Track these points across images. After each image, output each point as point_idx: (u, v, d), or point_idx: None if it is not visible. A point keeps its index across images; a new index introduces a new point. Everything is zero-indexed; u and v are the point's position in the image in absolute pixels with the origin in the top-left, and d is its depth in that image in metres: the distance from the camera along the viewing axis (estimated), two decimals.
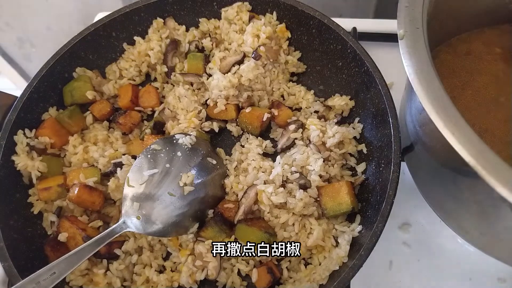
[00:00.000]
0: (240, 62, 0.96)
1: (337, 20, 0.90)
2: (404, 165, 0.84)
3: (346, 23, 0.95)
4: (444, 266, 0.84)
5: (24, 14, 1.76)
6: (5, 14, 1.76)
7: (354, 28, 1.08)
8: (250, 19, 0.99)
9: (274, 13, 0.98)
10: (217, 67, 0.97)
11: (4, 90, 0.92)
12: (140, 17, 1.00)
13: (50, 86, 0.93)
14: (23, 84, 1.06)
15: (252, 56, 0.93)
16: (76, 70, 0.97)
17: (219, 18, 1.03)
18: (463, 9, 0.78)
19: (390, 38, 1.09)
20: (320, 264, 0.78)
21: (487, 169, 0.47)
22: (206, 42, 1.01)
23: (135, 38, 1.02)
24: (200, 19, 1.03)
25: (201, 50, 1.02)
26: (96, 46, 0.99)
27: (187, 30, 1.04)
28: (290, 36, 0.99)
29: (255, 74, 0.93)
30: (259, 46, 0.93)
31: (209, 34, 1.03)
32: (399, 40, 0.59)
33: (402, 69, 0.57)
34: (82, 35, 0.95)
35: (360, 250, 0.70)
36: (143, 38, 1.02)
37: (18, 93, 0.89)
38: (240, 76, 0.94)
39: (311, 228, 0.79)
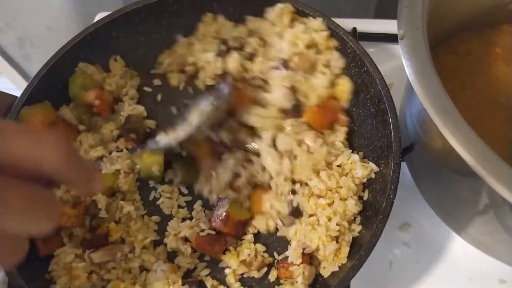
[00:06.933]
0: (277, 68, 0.91)
1: (337, 20, 0.90)
2: (404, 165, 0.84)
3: (346, 23, 0.94)
4: (444, 266, 0.84)
5: (24, 14, 1.76)
6: (5, 14, 1.75)
7: (354, 28, 1.08)
8: (293, 21, 0.93)
9: (319, 18, 0.90)
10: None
11: (4, 90, 0.91)
12: (140, 17, 1.00)
13: (50, 86, 0.93)
14: (23, 84, 1.06)
15: (282, 65, 0.89)
16: (79, 65, 0.95)
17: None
18: (463, 9, 0.78)
19: (390, 38, 1.08)
20: (319, 264, 0.78)
21: (487, 169, 0.47)
22: (252, 41, 0.95)
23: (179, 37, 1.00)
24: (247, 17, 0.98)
25: (240, 48, 0.97)
26: (96, 46, 0.98)
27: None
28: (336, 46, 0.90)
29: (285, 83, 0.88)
30: (293, 55, 0.88)
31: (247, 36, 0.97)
32: (399, 40, 0.59)
33: (402, 69, 0.57)
34: (82, 35, 0.95)
35: (360, 251, 0.70)
36: (144, 38, 1.01)
37: (18, 93, 0.89)
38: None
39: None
